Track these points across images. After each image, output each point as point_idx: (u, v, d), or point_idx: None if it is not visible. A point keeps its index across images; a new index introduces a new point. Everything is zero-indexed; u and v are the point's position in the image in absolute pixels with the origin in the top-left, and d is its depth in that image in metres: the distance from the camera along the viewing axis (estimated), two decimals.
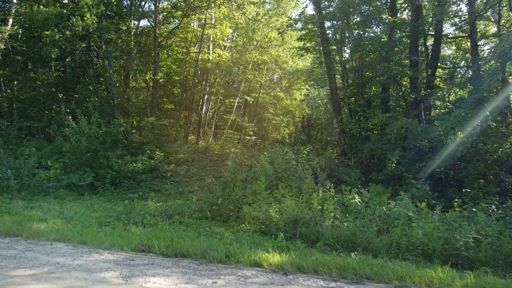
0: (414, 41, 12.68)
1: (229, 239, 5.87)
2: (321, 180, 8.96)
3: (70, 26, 10.49)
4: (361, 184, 10.38)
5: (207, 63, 16.18)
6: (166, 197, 10.37)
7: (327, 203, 7.25)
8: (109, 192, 10.48)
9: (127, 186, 10.98)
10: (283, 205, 7.00)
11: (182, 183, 11.48)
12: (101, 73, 12.93)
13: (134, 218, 7.34)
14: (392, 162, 10.52)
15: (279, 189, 7.46)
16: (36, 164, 10.80)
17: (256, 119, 24.53)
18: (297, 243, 5.82)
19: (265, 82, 23.45)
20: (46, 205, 8.33)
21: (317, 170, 8.93)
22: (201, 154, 14.63)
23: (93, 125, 10.73)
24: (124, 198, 10.14)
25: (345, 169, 11.27)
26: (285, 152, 9.49)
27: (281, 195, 7.27)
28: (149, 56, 16.00)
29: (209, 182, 11.51)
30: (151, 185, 11.18)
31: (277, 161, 8.84)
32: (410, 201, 7.56)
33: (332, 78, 15.30)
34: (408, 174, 10.42)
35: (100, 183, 10.49)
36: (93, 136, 10.68)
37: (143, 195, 10.46)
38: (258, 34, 19.82)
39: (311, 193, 7.45)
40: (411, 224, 6.46)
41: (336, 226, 6.63)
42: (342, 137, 13.58)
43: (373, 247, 6.01)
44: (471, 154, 10.97)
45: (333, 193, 7.88)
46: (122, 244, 5.33)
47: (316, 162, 10.92)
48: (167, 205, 9.09)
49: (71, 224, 6.57)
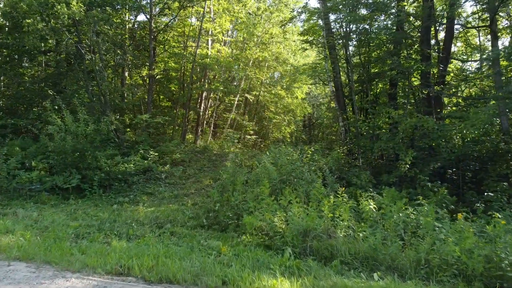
0: (426, 32, 11.60)
1: (227, 257, 4.81)
2: (330, 183, 7.90)
3: (55, 15, 9.42)
4: (373, 187, 9.34)
5: (206, 58, 15.10)
6: (159, 201, 9.30)
7: (339, 210, 6.21)
8: (97, 196, 9.41)
9: (118, 189, 9.92)
10: (290, 213, 5.95)
11: (177, 186, 10.42)
12: (92, 68, 11.85)
13: (119, 228, 6.28)
14: (406, 163, 9.46)
15: (284, 194, 6.40)
16: (19, 164, 9.73)
17: (256, 118, 23.50)
18: (309, 261, 4.76)
19: (265, 79, 22.41)
20: (22, 211, 7.26)
21: (326, 172, 7.87)
22: (199, 154, 13.56)
23: (80, 122, 9.65)
24: (113, 203, 9.08)
25: (353, 171, 10.20)
26: (290, 151, 8.40)
27: (288, 201, 6.21)
28: (145, 51, 14.93)
29: (206, 185, 10.45)
30: (144, 188, 10.11)
31: (281, 161, 7.76)
32: (432, 207, 6.52)
33: (337, 73, 14.23)
34: (423, 176, 9.39)
35: (87, 186, 9.42)
36: (80, 134, 9.61)
37: (134, 199, 9.40)
38: (259, 29, 18.77)
39: (321, 199, 6.39)
40: (439, 236, 5.42)
41: (351, 238, 5.59)
42: (348, 135, 12.51)
43: (398, 265, 4.96)
44: (489, 154, 9.93)
45: (346, 198, 6.83)
46: (96, 265, 4.27)
47: (323, 162, 9.87)
48: (159, 210, 8.03)
49: (42, 236, 5.51)
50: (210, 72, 16.71)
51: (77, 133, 9.54)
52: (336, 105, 14.06)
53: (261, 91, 21.82)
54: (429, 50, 11.48)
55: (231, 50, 18.51)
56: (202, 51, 15.45)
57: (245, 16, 17.25)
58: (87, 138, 9.90)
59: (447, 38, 11.99)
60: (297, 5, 19.21)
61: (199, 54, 15.06)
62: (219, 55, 15.81)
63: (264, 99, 22.58)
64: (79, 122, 9.68)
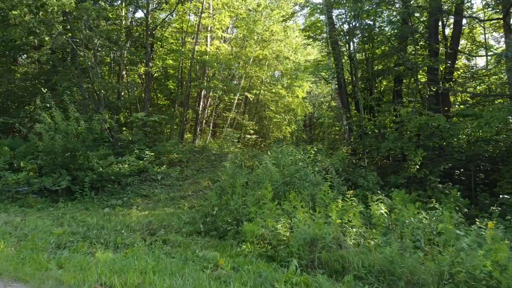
0: (434, 26, 10.97)
1: (225, 271, 4.19)
2: (336, 185, 7.26)
3: (44, 6, 8.79)
4: (380, 189, 8.72)
5: (205, 55, 14.47)
6: (154, 204, 8.68)
7: (347, 216, 5.59)
8: (88, 199, 8.78)
9: (110, 191, 9.29)
10: (294, 219, 5.32)
11: (174, 187, 9.79)
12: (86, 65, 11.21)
13: (107, 236, 5.65)
14: (415, 163, 8.84)
15: (289, 199, 5.76)
16: (6, 165, 9.13)
17: (256, 117, 22.88)
18: (318, 277, 4.13)
19: (266, 78, 21.80)
20: (4, 216, 6.63)
21: (332, 173, 7.25)
22: (197, 154, 12.93)
23: (71, 120, 9.02)
24: (105, 206, 8.46)
25: (359, 171, 9.57)
26: (292, 151, 7.76)
27: (293, 206, 5.58)
28: (142, 48, 14.29)
29: (204, 186, 9.83)
30: (138, 190, 9.48)
31: (283, 162, 7.12)
32: (448, 211, 5.90)
33: (340, 70, 13.62)
34: (433, 177, 8.78)
35: (78, 188, 8.79)
36: (70, 133, 8.97)
37: (128, 202, 8.77)
38: (259, 26, 18.15)
39: (328, 204, 5.76)
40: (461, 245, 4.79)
41: (364, 247, 4.96)
42: (352, 134, 11.87)
43: (419, 279, 4.33)
44: (502, 154, 9.33)
45: (355, 203, 6.19)
46: (72, 283, 3.65)
47: (328, 163, 9.24)
48: (154, 214, 7.40)
49: (18, 246, 4.88)
50: (209, 70, 16.08)
51: (68, 131, 8.91)
52: (339, 103, 13.43)
53: (262, 90, 21.20)
54: (437, 45, 10.85)
55: (231, 48, 17.87)
56: (201, 48, 14.81)
57: (245, 12, 16.61)
58: (78, 137, 9.28)
59: (455, 33, 11.35)
60: (298, 1, 18.60)
61: (197, 51, 14.44)
62: (218, 52, 15.17)
63: (265, 98, 21.98)
64: (70, 120, 9.04)
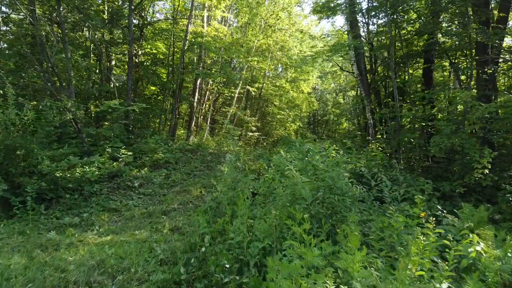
0: None
1: None
2: (390, 203, 4.58)
3: None
4: (438, 202, 6.06)
5: (201, 37, 11.77)
6: (124, 222, 5.98)
7: (428, 260, 2.97)
8: (34, 214, 6.09)
9: (68, 203, 6.58)
10: (347, 277, 2.65)
11: (155, 198, 7.09)
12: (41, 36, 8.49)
13: None
14: (484, 166, 6.19)
15: (339, 237, 3.07)
16: None
17: (259, 113, 20.20)
18: None
19: (269, 71, 19.12)
20: None
21: (386, 182, 4.56)
22: (190, 154, 10.24)
23: (10, 107, 6.31)
24: (55, 226, 5.78)
25: (403, 177, 6.89)
26: (328, 149, 5.02)
27: (347, 248, 2.88)
28: (126, 28, 11.58)
29: (196, 196, 7.13)
30: (106, 202, 6.78)
31: (312, 166, 4.39)
32: None
33: (361, 55, 10.97)
34: (508, 185, 6.16)
35: (19, 200, 6.08)
36: (10, 124, 6.28)
37: (88, 219, 6.08)
38: (262, 10, 15.47)
39: (407, 243, 3.10)
40: None
41: None
42: (384, 128, 9.17)
43: None
44: None
45: (434, 233, 3.48)
46: None
47: (362, 165, 6.57)
48: (116, 243, 4.72)
49: None
50: (206, 56, 13.38)
51: (6, 122, 6.21)
52: (362, 92, 10.76)
53: (264, 83, 18.53)
54: (488, 15, 8.16)
55: (231, 32, 15.17)
56: (196, 29, 12.11)
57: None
58: (25, 130, 6.58)
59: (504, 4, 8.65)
60: None
61: (192, 32, 11.73)
62: (217, 35, 12.47)
63: (268, 92, 19.31)
64: (10, 107, 6.33)
